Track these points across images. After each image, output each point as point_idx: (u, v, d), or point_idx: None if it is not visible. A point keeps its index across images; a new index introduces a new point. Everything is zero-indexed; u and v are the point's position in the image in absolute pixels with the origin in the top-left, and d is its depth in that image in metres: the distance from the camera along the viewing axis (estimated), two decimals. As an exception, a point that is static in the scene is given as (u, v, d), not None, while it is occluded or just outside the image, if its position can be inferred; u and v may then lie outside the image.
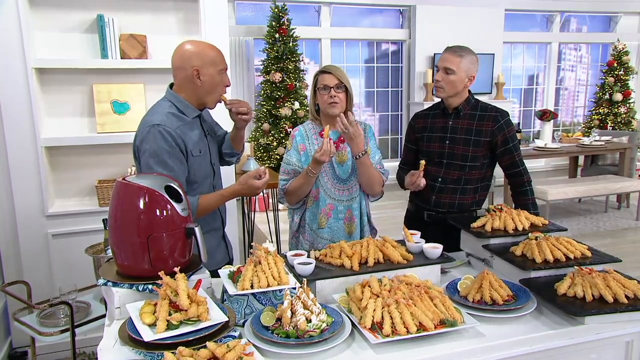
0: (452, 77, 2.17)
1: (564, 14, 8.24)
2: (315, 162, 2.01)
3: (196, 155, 1.88)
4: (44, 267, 2.82)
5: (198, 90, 1.87)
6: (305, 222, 2.19)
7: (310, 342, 1.28)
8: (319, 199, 2.15)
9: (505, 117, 2.24)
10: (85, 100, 2.96)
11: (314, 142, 2.16)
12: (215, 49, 1.91)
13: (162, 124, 1.78)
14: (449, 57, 2.18)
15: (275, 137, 6.19)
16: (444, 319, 1.36)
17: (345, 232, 2.19)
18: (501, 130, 2.22)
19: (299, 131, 2.20)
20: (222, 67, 1.90)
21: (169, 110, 1.85)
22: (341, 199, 2.17)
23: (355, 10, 7.30)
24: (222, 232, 2.11)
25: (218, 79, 1.88)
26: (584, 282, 1.48)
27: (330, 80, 2.07)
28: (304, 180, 2.08)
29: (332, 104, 2.07)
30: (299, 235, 2.22)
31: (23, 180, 2.74)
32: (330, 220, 2.17)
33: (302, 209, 2.20)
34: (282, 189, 2.16)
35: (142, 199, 1.43)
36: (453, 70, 2.16)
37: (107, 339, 1.34)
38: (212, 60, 1.86)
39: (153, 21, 2.99)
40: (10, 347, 2.85)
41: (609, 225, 5.61)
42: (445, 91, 2.21)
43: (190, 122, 1.89)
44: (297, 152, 2.15)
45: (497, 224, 1.92)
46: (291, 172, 2.15)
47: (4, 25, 2.60)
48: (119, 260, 1.49)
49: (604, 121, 7.90)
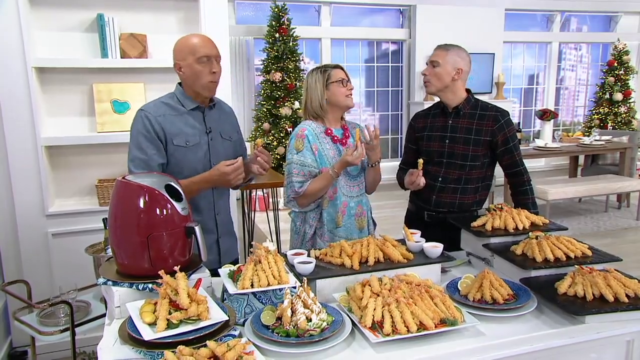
0: (437, 69, 2.19)
1: (564, 13, 8.24)
2: (343, 164, 2.03)
3: (179, 145, 1.87)
4: (44, 266, 2.82)
5: (186, 82, 1.93)
6: (323, 224, 2.15)
7: (310, 341, 1.28)
8: (334, 199, 2.14)
9: (506, 117, 2.24)
10: (85, 99, 2.96)
11: (323, 142, 2.14)
12: (198, 37, 1.90)
13: (145, 110, 1.88)
14: (435, 52, 2.24)
15: (275, 137, 6.19)
16: (445, 318, 1.36)
17: (357, 227, 2.20)
18: (501, 129, 2.21)
19: (308, 130, 2.13)
20: (200, 55, 1.86)
21: (164, 100, 1.94)
22: (352, 195, 2.19)
23: (356, 9, 7.30)
24: (216, 236, 2.05)
25: (198, 67, 1.86)
26: (584, 281, 1.48)
27: (344, 75, 2.15)
28: (327, 181, 2.07)
29: (349, 96, 2.16)
30: (315, 238, 2.17)
31: (23, 179, 2.74)
32: (345, 217, 2.16)
33: (316, 211, 2.16)
34: (298, 192, 2.08)
35: (142, 198, 1.43)
36: (438, 62, 2.19)
37: (107, 338, 1.34)
38: (190, 49, 1.87)
39: (153, 20, 2.99)
40: (10, 347, 2.85)
41: (609, 224, 5.61)
42: (432, 84, 2.23)
43: (187, 113, 1.92)
44: (311, 153, 2.10)
45: (497, 223, 1.91)
46: (307, 174, 2.10)
47: (4, 24, 2.59)
48: (119, 259, 1.49)
49: (604, 121, 7.90)
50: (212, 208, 2.02)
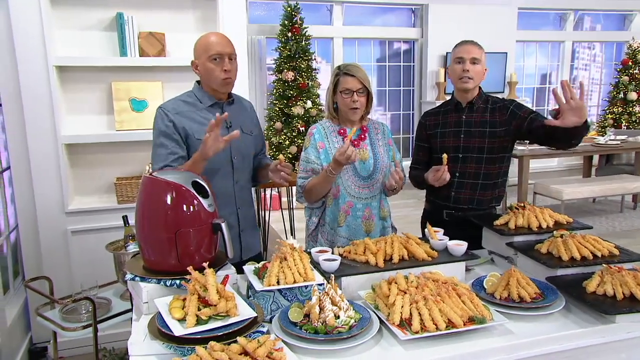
0: (478, 67, 2.17)
1: (578, 12, 8.16)
2: (336, 163, 1.94)
3: (200, 139, 1.84)
4: (64, 263, 2.84)
5: (202, 79, 1.97)
6: (325, 221, 2.15)
7: (339, 338, 1.27)
8: (338, 197, 2.12)
9: (514, 102, 2.25)
10: (104, 98, 2.98)
11: (333, 140, 2.13)
12: (213, 35, 1.92)
13: (163, 107, 1.93)
14: (472, 49, 2.17)
15: (287, 136, 6.20)
16: (473, 316, 1.35)
17: (364, 230, 2.15)
18: (514, 114, 2.20)
19: (317, 129, 2.15)
20: (213, 53, 1.87)
21: (183, 98, 1.98)
22: (360, 197, 2.13)
23: (367, 9, 7.28)
24: (238, 230, 2.06)
25: (211, 65, 1.89)
26: (613, 280, 1.46)
27: (353, 84, 2.01)
28: (323, 179, 2.03)
29: (353, 109, 2.05)
30: (317, 234, 2.18)
31: (43, 177, 2.77)
32: (349, 218, 2.12)
33: (321, 208, 2.17)
34: (301, 187, 2.12)
35: (169, 195, 1.44)
36: (479, 60, 2.16)
37: (137, 334, 1.34)
38: (203, 48, 1.90)
39: (171, 19, 3.00)
40: (30, 343, 2.88)
41: (625, 225, 5.55)
42: (474, 82, 2.19)
43: (205, 109, 1.95)
44: (315, 150, 2.11)
45: (520, 222, 1.90)
46: (310, 171, 2.11)
47: (27, 24, 2.62)
48: (145, 255, 1.50)
49: (618, 120, 7.81)
50: (233, 202, 2.03)
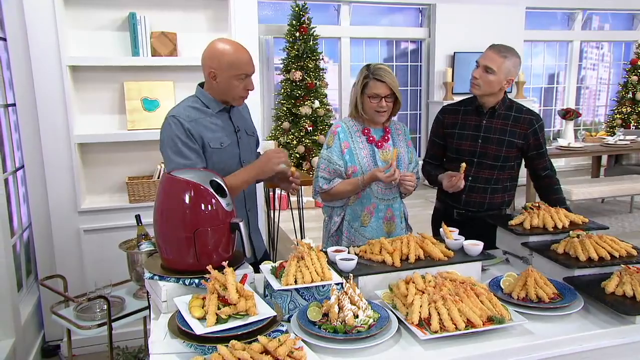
0: (491, 76, 2.11)
1: (586, 11, 8.11)
2: (372, 178, 2.01)
3: (215, 147, 1.85)
4: (76, 262, 2.86)
5: (216, 89, 1.87)
6: (345, 220, 2.15)
7: (358, 337, 1.28)
8: (361, 197, 2.12)
9: (540, 122, 2.24)
10: (116, 97, 2.99)
11: (357, 140, 2.12)
12: (240, 52, 1.83)
13: (177, 115, 1.82)
14: (492, 56, 2.12)
15: (295, 136, 6.20)
16: (492, 316, 1.35)
17: (385, 231, 2.16)
18: (535, 134, 2.21)
19: (342, 127, 2.12)
20: (241, 72, 1.82)
21: (191, 104, 1.89)
22: (383, 198, 2.14)
23: (375, 8, 7.27)
24: (248, 232, 2.04)
25: (235, 83, 1.83)
26: (632, 281, 1.46)
27: (382, 90, 2.01)
28: (355, 188, 2.06)
29: (380, 112, 2.05)
30: (339, 234, 2.17)
31: (56, 176, 2.78)
32: (373, 219, 2.13)
33: (343, 207, 2.16)
34: (322, 188, 2.09)
35: (187, 194, 1.44)
36: (493, 70, 2.10)
37: (157, 332, 1.35)
38: (230, 64, 1.81)
39: (183, 19, 3.01)
40: (43, 341, 2.89)
41: (635, 225, 5.51)
42: (480, 89, 2.16)
43: (215, 115, 1.89)
44: (339, 150, 2.09)
45: (535, 222, 1.90)
46: (332, 172, 2.09)
47: (41, 24, 2.63)
48: (164, 254, 1.50)
49: (627, 120, 7.77)
50: (243, 205, 2.03)
